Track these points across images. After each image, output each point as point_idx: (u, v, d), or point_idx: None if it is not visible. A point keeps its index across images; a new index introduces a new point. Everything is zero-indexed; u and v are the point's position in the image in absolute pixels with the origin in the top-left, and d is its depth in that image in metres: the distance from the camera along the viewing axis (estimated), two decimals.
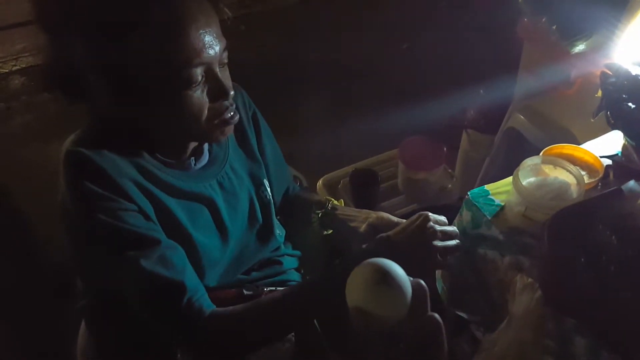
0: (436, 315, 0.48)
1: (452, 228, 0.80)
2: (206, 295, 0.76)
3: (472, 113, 1.72)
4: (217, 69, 0.72)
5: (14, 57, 1.94)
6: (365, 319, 0.46)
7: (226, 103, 0.75)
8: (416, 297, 0.48)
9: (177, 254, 0.75)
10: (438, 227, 0.78)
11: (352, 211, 0.95)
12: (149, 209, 0.74)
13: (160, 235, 0.74)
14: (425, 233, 0.76)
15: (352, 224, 0.92)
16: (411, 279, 0.49)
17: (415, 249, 0.76)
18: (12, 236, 1.74)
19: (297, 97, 2.18)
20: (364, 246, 0.80)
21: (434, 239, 0.77)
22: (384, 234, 0.79)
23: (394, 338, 0.48)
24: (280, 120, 1.26)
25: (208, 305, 0.75)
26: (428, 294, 0.49)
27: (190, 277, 0.74)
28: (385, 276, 0.46)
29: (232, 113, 0.77)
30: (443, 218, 0.81)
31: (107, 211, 0.70)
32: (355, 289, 0.47)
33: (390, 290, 0.46)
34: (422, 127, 1.64)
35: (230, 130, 0.79)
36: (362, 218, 0.92)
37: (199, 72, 0.69)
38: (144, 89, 0.69)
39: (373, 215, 0.91)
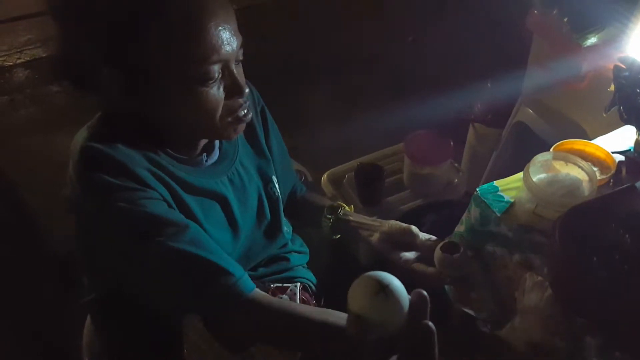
0: (430, 323, 0.49)
1: None
2: (246, 276, 0.74)
3: (479, 107, 1.71)
4: (233, 66, 0.72)
5: (18, 49, 1.93)
6: (363, 326, 0.49)
7: (240, 100, 0.74)
8: (416, 308, 0.50)
9: (207, 238, 0.73)
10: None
11: (365, 219, 0.93)
12: (169, 199, 0.73)
13: (187, 220, 0.72)
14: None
15: (365, 233, 0.91)
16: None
17: None
18: (16, 228, 1.74)
19: (302, 91, 2.17)
20: None
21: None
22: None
23: (390, 345, 0.51)
24: (286, 114, 1.25)
25: (252, 286, 0.73)
26: (428, 304, 0.50)
27: (225, 258, 0.72)
28: (385, 289, 0.50)
29: (246, 111, 0.76)
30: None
31: (129, 199, 0.68)
32: (356, 297, 0.51)
33: (388, 301, 0.49)
34: (428, 121, 1.62)
35: (242, 127, 0.78)
36: (374, 227, 0.90)
37: (216, 68, 0.68)
38: (159, 84, 0.68)
39: (386, 224, 0.90)
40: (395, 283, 0.50)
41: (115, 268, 0.76)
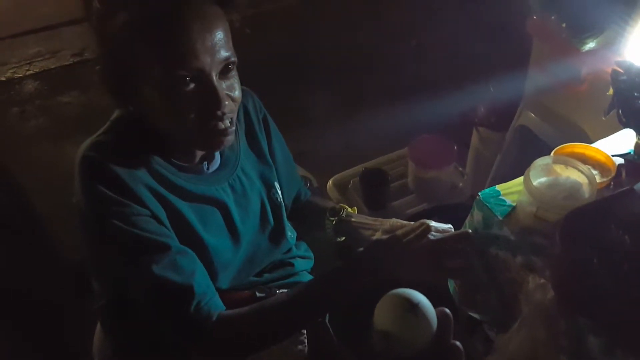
0: (458, 343, 0.50)
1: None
2: (216, 297, 0.77)
3: (482, 110, 1.71)
4: (214, 78, 0.70)
5: (28, 61, 1.97)
6: (390, 343, 0.50)
7: (219, 113, 0.72)
8: (441, 326, 0.51)
9: (188, 258, 0.76)
10: (433, 238, 0.78)
11: (367, 219, 0.95)
12: (162, 214, 0.75)
13: (172, 240, 0.75)
14: (423, 244, 0.77)
15: (367, 232, 0.92)
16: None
17: (413, 258, 0.77)
18: (27, 236, 1.77)
19: (307, 97, 2.19)
20: (360, 250, 0.81)
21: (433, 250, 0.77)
22: (380, 239, 0.80)
23: None
24: (291, 120, 1.26)
25: (216, 308, 0.76)
26: (452, 322, 0.52)
27: (199, 281, 0.75)
28: (415, 307, 0.50)
29: (228, 124, 0.74)
30: (446, 226, 0.81)
31: (120, 216, 0.71)
32: (384, 314, 0.51)
33: (418, 320, 0.50)
34: (432, 125, 1.63)
35: (226, 141, 0.76)
36: (376, 226, 0.92)
37: (186, 77, 0.68)
38: (136, 85, 0.70)
39: (387, 223, 0.91)
40: (424, 301, 0.51)
41: (110, 275, 0.80)
